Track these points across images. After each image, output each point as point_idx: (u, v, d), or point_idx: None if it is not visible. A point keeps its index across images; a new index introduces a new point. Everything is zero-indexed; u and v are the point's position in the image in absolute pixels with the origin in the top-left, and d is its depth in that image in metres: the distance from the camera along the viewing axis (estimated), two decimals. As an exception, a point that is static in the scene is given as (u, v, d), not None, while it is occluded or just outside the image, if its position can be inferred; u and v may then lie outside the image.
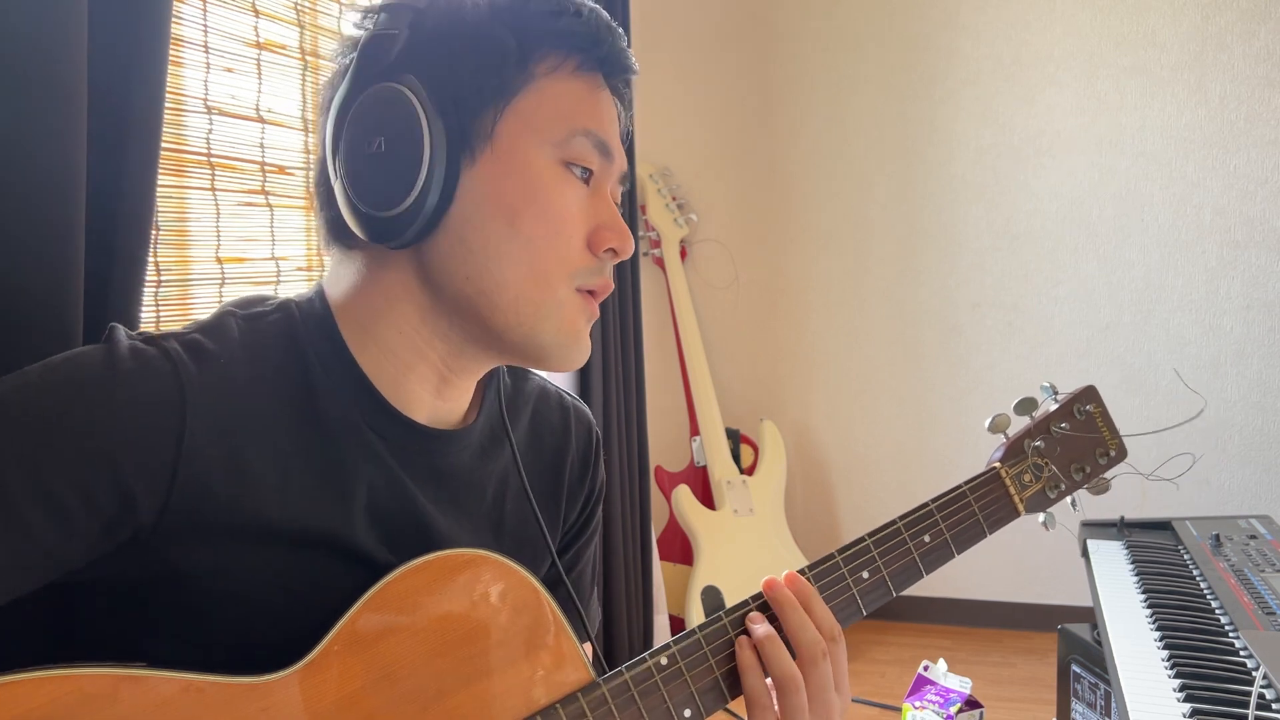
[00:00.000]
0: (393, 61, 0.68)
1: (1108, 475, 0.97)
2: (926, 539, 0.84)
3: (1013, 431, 0.94)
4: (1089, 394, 0.98)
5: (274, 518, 0.64)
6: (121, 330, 0.64)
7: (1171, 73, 2.89)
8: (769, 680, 0.74)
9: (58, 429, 0.58)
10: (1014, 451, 0.93)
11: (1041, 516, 0.93)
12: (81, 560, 0.60)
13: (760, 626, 0.75)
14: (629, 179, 0.77)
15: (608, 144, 0.72)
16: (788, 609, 0.75)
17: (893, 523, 0.83)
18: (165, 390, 0.61)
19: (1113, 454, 0.97)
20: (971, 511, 0.87)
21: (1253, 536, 1.45)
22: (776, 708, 0.74)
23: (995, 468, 0.91)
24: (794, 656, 0.74)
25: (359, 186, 0.68)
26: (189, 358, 0.63)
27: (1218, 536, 1.44)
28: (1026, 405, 0.95)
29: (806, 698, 0.73)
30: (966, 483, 0.89)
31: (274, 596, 0.65)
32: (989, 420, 0.93)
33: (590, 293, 0.73)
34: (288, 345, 0.69)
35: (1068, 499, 0.95)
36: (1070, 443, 0.95)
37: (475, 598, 0.67)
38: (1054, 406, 0.97)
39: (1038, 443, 0.93)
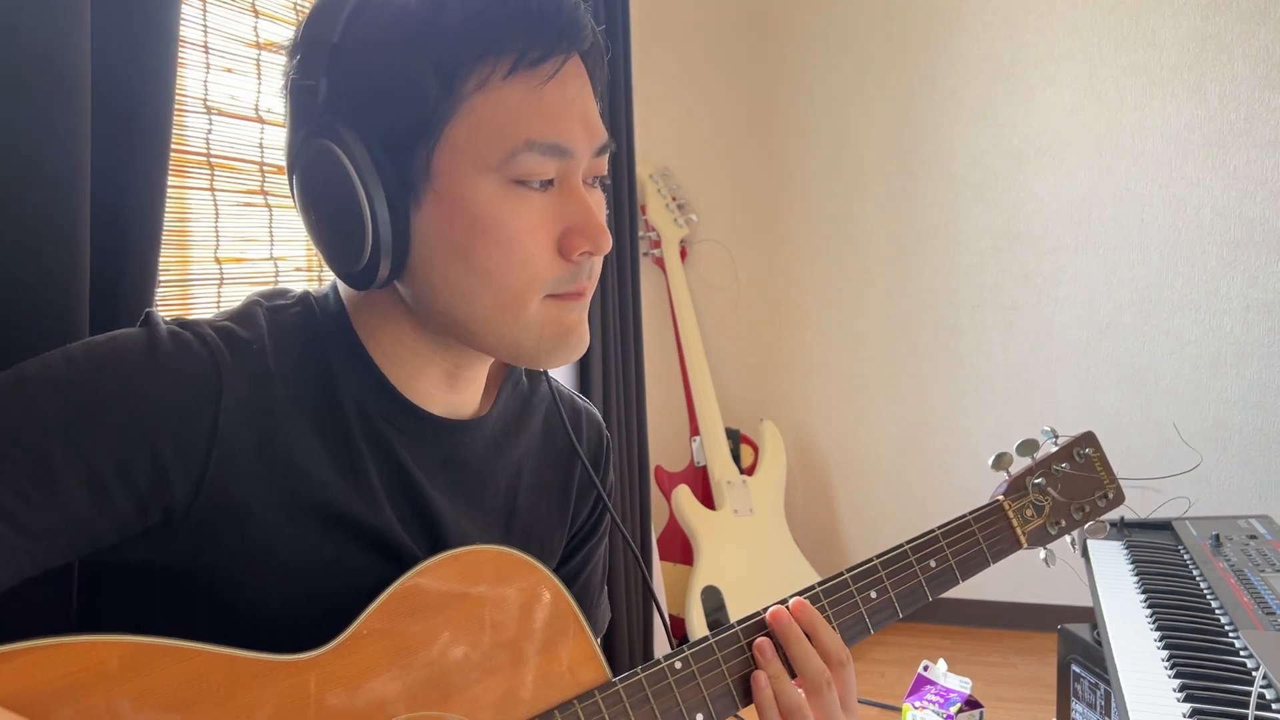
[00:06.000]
0: (321, 108, 0.65)
1: (1104, 519, 0.99)
2: (932, 564, 0.87)
3: (1015, 470, 0.97)
4: (1088, 439, 1.01)
5: (302, 503, 0.66)
6: (157, 315, 0.66)
7: (1171, 73, 2.88)
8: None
9: (102, 407, 0.59)
10: (1016, 487, 0.96)
11: (1042, 553, 0.96)
12: (111, 538, 0.61)
13: (771, 665, 0.76)
14: (614, 144, 0.72)
15: (562, 144, 0.66)
16: (793, 642, 0.77)
17: (900, 547, 0.86)
18: (202, 374, 0.63)
19: (1111, 496, 1.00)
20: (976, 540, 0.90)
21: (1253, 536, 1.45)
22: None
23: (999, 500, 0.94)
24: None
25: (321, 246, 0.69)
26: (224, 344, 0.65)
27: (1218, 536, 1.44)
28: (1028, 446, 0.98)
29: None
30: (971, 513, 0.92)
31: (301, 582, 0.66)
32: (992, 458, 0.96)
33: (573, 294, 0.70)
34: (309, 338, 0.70)
35: (1067, 537, 0.98)
36: (1070, 482, 0.98)
37: (498, 593, 0.69)
38: (1054, 449, 0.99)
39: (1039, 480, 0.96)
